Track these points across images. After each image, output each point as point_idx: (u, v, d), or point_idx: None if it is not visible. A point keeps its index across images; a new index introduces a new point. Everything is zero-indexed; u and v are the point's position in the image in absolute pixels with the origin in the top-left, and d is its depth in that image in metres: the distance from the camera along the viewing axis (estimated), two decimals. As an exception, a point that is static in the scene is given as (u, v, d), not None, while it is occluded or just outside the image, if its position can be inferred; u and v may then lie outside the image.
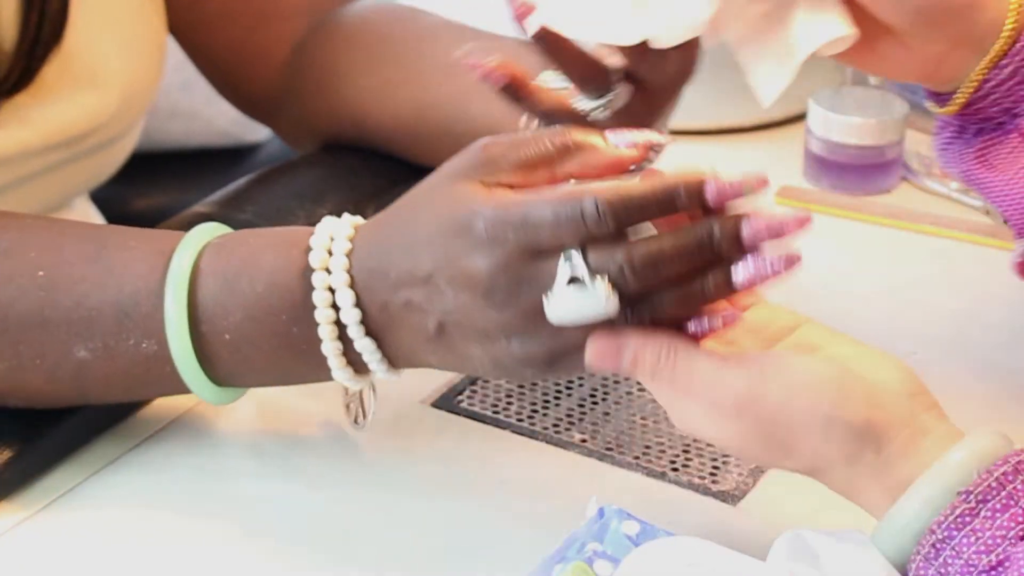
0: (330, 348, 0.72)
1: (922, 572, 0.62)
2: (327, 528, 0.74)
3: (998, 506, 0.61)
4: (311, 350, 0.72)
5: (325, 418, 0.82)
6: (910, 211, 1.06)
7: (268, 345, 0.73)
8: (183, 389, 0.75)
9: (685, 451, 0.80)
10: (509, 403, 0.84)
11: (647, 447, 0.80)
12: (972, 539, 0.61)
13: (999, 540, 0.61)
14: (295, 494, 0.76)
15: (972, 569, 0.61)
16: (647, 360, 0.67)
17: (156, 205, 0.81)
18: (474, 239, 0.68)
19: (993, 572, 0.60)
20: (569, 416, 0.83)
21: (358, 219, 0.74)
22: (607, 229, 0.66)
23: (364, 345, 0.72)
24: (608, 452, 0.80)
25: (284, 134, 1.09)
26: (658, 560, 0.65)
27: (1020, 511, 0.61)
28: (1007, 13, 0.77)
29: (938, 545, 0.62)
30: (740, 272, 0.66)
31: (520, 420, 0.82)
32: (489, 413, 0.83)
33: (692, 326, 0.68)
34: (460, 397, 0.84)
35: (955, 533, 0.61)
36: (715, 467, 0.79)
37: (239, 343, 0.73)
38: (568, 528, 0.69)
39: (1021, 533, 0.60)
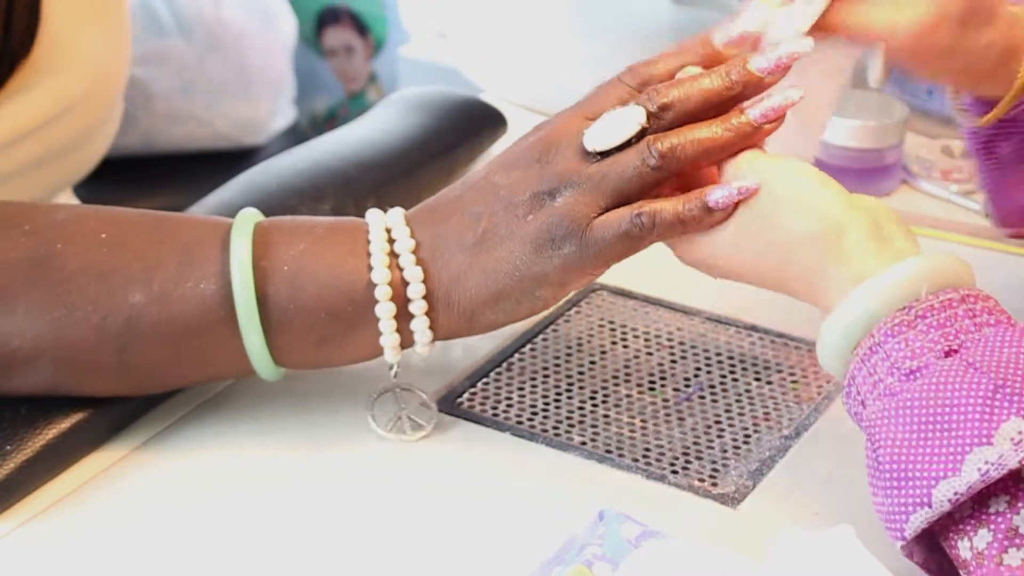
0: (380, 276, 0.76)
1: (856, 371, 0.67)
2: (326, 528, 0.74)
3: (934, 323, 0.65)
4: (365, 296, 0.76)
5: (324, 420, 0.82)
6: (910, 214, 1.06)
7: (324, 276, 0.76)
8: (232, 340, 0.76)
9: (685, 454, 0.80)
10: (509, 405, 0.84)
11: (647, 450, 0.80)
12: (902, 346, 0.65)
13: (925, 351, 0.65)
14: (294, 495, 0.77)
15: (896, 371, 0.65)
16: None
17: (156, 208, 0.82)
18: (522, 138, 0.78)
19: (911, 375, 0.64)
20: (569, 418, 0.83)
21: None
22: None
23: (413, 274, 0.76)
24: (608, 455, 0.80)
25: None
26: (658, 563, 0.65)
27: (952, 332, 0.65)
28: None
29: (873, 347, 0.66)
30: (756, 110, 0.74)
31: (520, 422, 0.83)
32: (489, 415, 0.83)
33: (715, 193, 0.73)
34: (460, 399, 0.84)
35: (889, 339, 0.66)
36: (715, 470, 0.79)
37: (296, 273, 0.76)
38: (568, 530, 0.69)
39: (946, 350, 0.64)
